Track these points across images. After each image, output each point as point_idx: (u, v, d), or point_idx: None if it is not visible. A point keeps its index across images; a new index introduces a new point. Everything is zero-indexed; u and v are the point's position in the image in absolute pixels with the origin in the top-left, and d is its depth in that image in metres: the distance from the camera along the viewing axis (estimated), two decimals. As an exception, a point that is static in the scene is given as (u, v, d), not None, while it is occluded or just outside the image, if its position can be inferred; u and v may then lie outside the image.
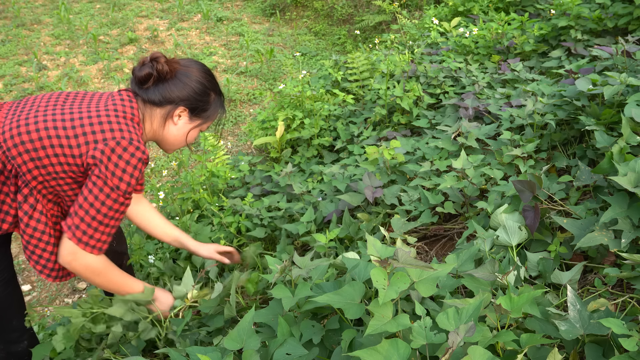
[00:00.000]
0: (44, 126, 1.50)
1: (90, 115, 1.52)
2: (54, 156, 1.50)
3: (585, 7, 3.35)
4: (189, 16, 6.80)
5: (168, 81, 1.63)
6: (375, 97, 3.38)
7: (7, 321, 1.80)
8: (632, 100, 1.94)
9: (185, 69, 1.66)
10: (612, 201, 1.50)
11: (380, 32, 5.46)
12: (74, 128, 1.49)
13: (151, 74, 1.61)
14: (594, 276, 1.59)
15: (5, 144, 1.51)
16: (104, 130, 1.50)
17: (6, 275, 1.73)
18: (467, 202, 2.07)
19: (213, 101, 1.72)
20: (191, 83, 1.65)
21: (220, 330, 1.69)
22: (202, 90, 1.67)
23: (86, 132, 1.49)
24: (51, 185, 1.56)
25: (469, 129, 2.46)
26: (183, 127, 1.70)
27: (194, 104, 1.67)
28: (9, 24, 6.69)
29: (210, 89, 1.70)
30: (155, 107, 1.64)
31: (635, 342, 1.06)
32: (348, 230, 2.17)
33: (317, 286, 1.36)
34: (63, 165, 1.51)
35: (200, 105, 1.69)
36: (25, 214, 1.57)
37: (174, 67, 1.64)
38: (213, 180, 2.88)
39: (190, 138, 1.74)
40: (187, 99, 1.65)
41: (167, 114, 1.66)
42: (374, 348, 1.05)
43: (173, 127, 1.69)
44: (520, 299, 1.13)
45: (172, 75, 1.64)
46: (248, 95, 4.91)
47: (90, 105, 1.57)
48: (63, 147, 1.49)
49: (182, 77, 1.64)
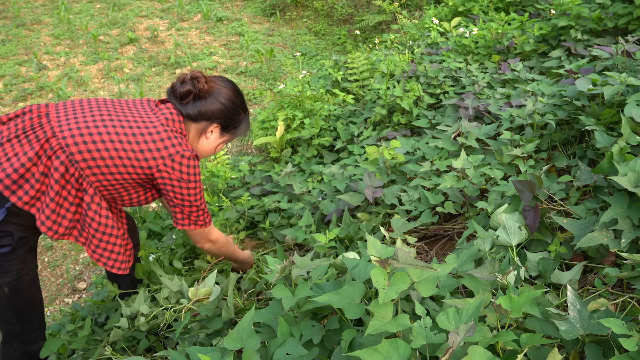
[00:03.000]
0: (109, 138, 1.62)
1: (150, 132, 1.67)
2: (122, 166, 1.65)
3: (585, 7, 3.35)
4: (189, 16, 6.80)
5: (205, 99, 1.76)
6: (375, 97, 3.38)
7: (30, 321, 1.87)
8: (632, 100, 1.94)
9: (220, 88, 1.79)
10: (612, 201, 1.50)
11: (380, 32, 5.46)
12: (138, 144, 1.64)
13: (191, 92, 1.74)
14: (594, 276, 1.59)
15: (68, 148, 1.60)
16: (167, 146, 1.67)
17: (34, 275, 1.81)
18: (467, 202, 2.07)
19: (242, 119, 1.87)
20: (225, 102, 1.79)
21: (219, 332, 1.69)
22: (234, 109, 1.81)
23: (151, 149, 1.65)
24: (114, 186, 1.69)
25: (469, 129, 2.46)
26: (214, 142, 1.85)
27: (227, 121, 1.82)
28: (9, 24, 6.69)
29: (241, 107, 1.84)
30: (191, 122, 1.78)
31: (635, 342, 1.06)
32: (348, 230, 2.17)
33: (317, 286, 1.36)
34: (132, 175, 1.67)
35: (232, 122, 1.83)
36: (96, 212, 1.69)
37: (211, 86, 1.77)
38: (213, 180, 2.88)
39: (217, 150, 1.90)
40: (221, 117, 1.79)
41: (202, 129, 1.80)
42: (374, 348, 1.05)
43: (205, 141, 1.83)
44: (520, 299, 1.13)
45: (210, 93, 1.76)
46: (248, 95, 4.91)
47: (144, 118, 1.71)
48: (131, 159, 1.64)
49: (217, 96, 1.78)
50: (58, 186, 1.62)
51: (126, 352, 1.88)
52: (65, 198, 1.65)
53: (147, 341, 1.88)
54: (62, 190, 1.64)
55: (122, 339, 1.88)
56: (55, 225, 1.66)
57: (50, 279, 3.09)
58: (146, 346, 1.87)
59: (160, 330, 1.90)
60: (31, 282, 1.79)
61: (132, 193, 1.75)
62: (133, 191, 1.75)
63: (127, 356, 1.79)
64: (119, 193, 1.73)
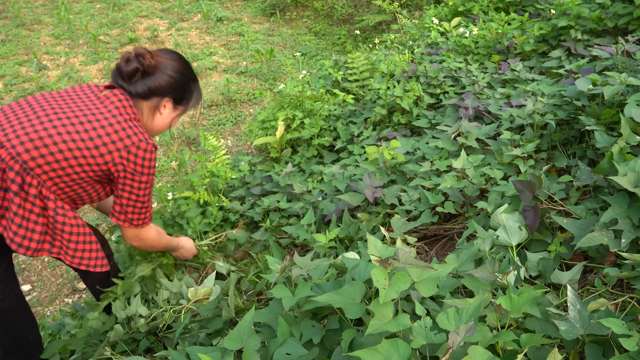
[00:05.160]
0: (61, 139, 1.56)
1: (102, 125, 1.61)
2: (78, 166, 1.59)
3: (585, 7, 3.35)
4: (189, 16, 6.80)
5: (153, 74, 1.71)
6: (375, 97, 3.38)
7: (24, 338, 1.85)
8: (632, 100, 1.94)
9: (166, 62, 1.74)
10: (612, 201, 1.50)
11: (380, 32, 5.46)
12: (92, 139, 1.58)
13: (138, 69, 1.68)
14: (594, 276, 1.59)
15: (20, 157, 1.53)
16: (122, 138, 1.61)
17: (17, 292, 1.77)
18: (467, 202, 2.07)
19: (193, 89, 1.83)
20: (174, 74, 1.74)
21: (219, 332, 1.69)
22: (184, 81, 1.78)
23: (106, 142, 1.59)
24: (71, 187, 1.64)
25: (469, 129, 2.46)
26: (168, 117, 1.81)
27: (178, 94, 1.78)
28: (9, 24, 6.69)
29: (190, 78, 1.80)
30: (142, 100, 1.72)
31: (635, 342, 1.06)
32: (348, 230, 2.17)
33: (317, 286, 1.36)
34: (88, 173, 1.61)
35: (183, 95, 1.80)
36: (64, 216, 1.65)
37: (158, 60, 1.72)
38: (213, 180, 2.88)
39: (172, 124, 1.86)
40: (171, 90, 1.75)
41: (155, 105, 1.75)
42: (374, 348, 1.05)
43: (159, 117, 1.78)
44: (520, 299, 1.13)
45: (157, 68, 1.71)
46: (248, 95, 4.91)
47: (92, 109, 1.64)
48: (86, 157, 1.58)
49: (165, 70, 1.73)
50: (19, 199, 1.54)
51: (126, 352, 1.88)
52: (31, 210, 1.58)
53: (147, 341, 1.88)
54: (25, 203, 1.56)
55: (121, 340, 1.88)
56: (25, 240, 1.59)
57: (50, 279, 3.09)
58: (146, 346, 1.87)
59: (160, 330, 1.90)
60: (16, 300, 1.75)
61: (91, 192, 1.70)
62: (91, 189, 1.69)
63: (127, 356, 1.79)
64: (78, 194, 1.67)
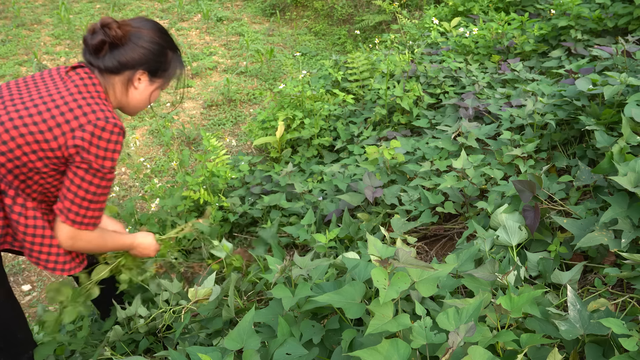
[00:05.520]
0: (13, 125, 1.44)
1: (57, 105, 1.47)
2: (32, 153, 1.46)
3: (585, 7, 3.35)
4: (189, 16, 6.80)
5: (123, 46, 1.56)
6: (375, 97, 3.38)
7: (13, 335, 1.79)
8: (632, 100, 1.94)
9: (138, 30, 1.58)
10: (612, 201, 1.50)
11: (380, 32, 5.46)
12: (45, 122, 1.45)
13: (105, 41, 1.54)
14: (594, 276, 1.59)
15: None
16: (77, 116, 1.46)
17: (7, 287, 1.73)
18: (467, 202, 2.07)
19: (171, 59, 1.67)
20: (146, 45, 1.59)
21: (219, 332, 1.69)
22: (159, 50, 1.62)
23: (60, 122, 1.45)
24: (35, 180, 1.53)
25: (469, 129, 2.46)
26: (145, 91, 1.66)
27: (153, 65, 1.62)
28: (9, 24, 6.69)
29: (167, 47, 1.64)
30: (113, 75, 1.58)
31: (635, 342, 1.06)
32: (348, 230, 2.17)
33: (317, 286, 1.36)
34: (43, 160, 1.47)
35: (159, 65, 1.64)
36: (20, 214, 1.55)
37: (127, 30, 1.56)
38: (213, 180, 2.88)
39: (152, 99, 1.70)
40: (145, 62, 1.60)
41: (128, 79, 1.61)
42: (374, 348, 1.05)
43: (135, 91, 1.64)
44: (520, 299, 1.13)
45: (126, 39, 1.56)
46: (248, 95, 4.91)
47: (51, 90, 1.51)
48: (39, 142, 1.45)
49: (137, 40, 1.57)
50: None
51: (126, 352, 1.88)
52: None
53: (146, 341, 1.88)
54: None
55: (121, 340, 1.88)
56: None
57: (51, 279, 3.09)
58: (146, 346, 1.87)
59: (159, 331, 1.90)
60: (4, 296, 1.71)
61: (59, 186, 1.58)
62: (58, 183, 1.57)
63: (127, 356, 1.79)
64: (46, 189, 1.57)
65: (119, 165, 3.99)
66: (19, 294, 2.97)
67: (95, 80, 1.55)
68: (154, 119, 4.52)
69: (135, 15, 6.86)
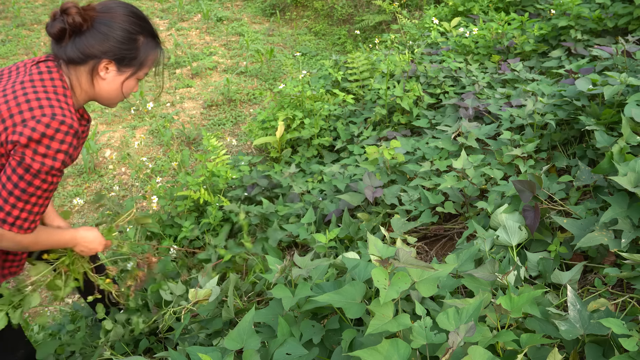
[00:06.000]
0: None
1: (7, 100, 1.37)
2: None
3: (585, 7, 3.35)
4: (189, 16, 6.80)
5: (84, 33, 1.43)
6: (375, 97, 3.38)
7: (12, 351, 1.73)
8: (632, 100, 1.94)
9: (104, 16, 1.44)
10: (612, 201, 1.50)
11: (380, 32, 5.46)
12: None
13: (64, 29, 1.42)
14: (594, 276, 1.59)
15: None
16: (23, 111, 1.34)
17: None
18: (467, 202, 2.07)
19: (142, 45, 1.51)
20: (111, 32, 1.44)
21: (219, 333, 1.69)
22: (126, 37, 1.46)
23: (5, 117, 1.34)
24: None
25: (469, 129, 2.46)
26: (114, 81, 1.51)
27: (119, 53, 1.47)
28: (9, 24, 6.69)
29: (137, 32, 1.49)
30: (79, 66, 1.46)
31: (635, 342, 1.06)
32: (348, 230, 2.17)
33: (317, 286, 1.36)
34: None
35: (127, 53, 1.48)
36: None
37: (90, 15, 1.43)
38: (213, 180, 2.88)
39: (126, 89, 1.55)
40: (109, 50, 1.45)
41: (92, 69, 1.47)
42: (374, 348, 1.05)
43: (102, 82, 1.50)
44: (520, 299, 1.13)
45: (90, 25, 1.43)
46: (248, 95, 4.91)
47: (9, 84, 1.42)
48: None
49: (101, 27, 1.43)
50: None
51: (126, 352, 1.88)
52: None
53: (147, 341, 1.88)
54: None
55: (121, 340, 1.88)
56: None
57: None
58: (146, 347, 1.87)
59: (159, 331, 1.90)
60: None
61: None
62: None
63: (127, 356, 1.79)
64: None
65: (119, 165, 3.99)
66: (19, 294, 2.97)
67: (55, 75, 1.44)
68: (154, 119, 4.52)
69: (135, 15, 6.86)
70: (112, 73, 1.50)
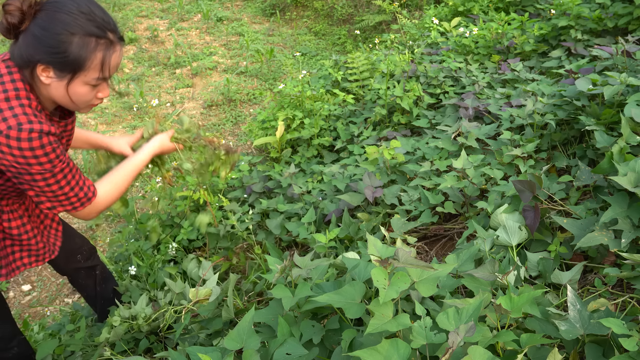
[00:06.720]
0: None
1: None
2: None
3: (585, 7, 3.35)
4: (189, 16, 6.80)
5: (23, 34, 1.31)
6: (375, 97, 3.38)
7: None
8: (632, 100, 1.94)
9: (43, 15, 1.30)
10: (612, 201, 1.50)
11: (380, 32, 5.46)
12: None
13: (8, 29, 1.30)
14: (594, 276, 1.59)
15: None
16: None
17: None
18: (467, 202, 2.07)
19: (77, 48, 1.31)
20: (44, 34, 1.29)
21: (219, 333, 1.69)
22: (54, 39, 1.30)
23: None
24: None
25: (469, 129, 2.46)
26: (57, 87, 1.36)
27: (49, 57, 1.31)
28: None
29: (72, 33, 1.30)
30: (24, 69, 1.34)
31: (635, 342, 1.06)
32: (348, 230, 2.17)
33: (317, 286, 1.36)
34: None
35: (59, 58, 1.31)
36: None
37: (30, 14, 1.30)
38: (213, 180, 2.88)
39: (76, 96, 1.38)
40: (41, 54, 1.30)
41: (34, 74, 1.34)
42: (374, 348, 1.05)
43: (48, 87, 1.37)
44: (520, 299, 1.13)
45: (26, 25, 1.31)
46: (248, 95, 4.91)
47: None
48: None
49: (35, 28, 1.30)
50: None
51: (126, 352, 1.88)
52: None
53: (147, 341, 1.88)
54: None
55: (122, 340, 1.88)
56: None
57: (50, 279, 3.09)
58: (146, 346, 1.87)
59: (160, 330, 1.90)
60: None
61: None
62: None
63: (127, 356, 1.79)
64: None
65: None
66: (19, 293, 2.97)
67: (16, 75, 1.33)
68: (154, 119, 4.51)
69: (135, 15, 6.86)
70: (53, 78, 1.35)
